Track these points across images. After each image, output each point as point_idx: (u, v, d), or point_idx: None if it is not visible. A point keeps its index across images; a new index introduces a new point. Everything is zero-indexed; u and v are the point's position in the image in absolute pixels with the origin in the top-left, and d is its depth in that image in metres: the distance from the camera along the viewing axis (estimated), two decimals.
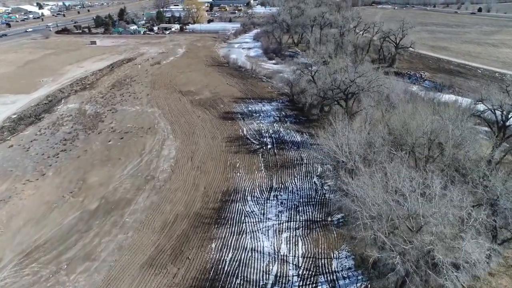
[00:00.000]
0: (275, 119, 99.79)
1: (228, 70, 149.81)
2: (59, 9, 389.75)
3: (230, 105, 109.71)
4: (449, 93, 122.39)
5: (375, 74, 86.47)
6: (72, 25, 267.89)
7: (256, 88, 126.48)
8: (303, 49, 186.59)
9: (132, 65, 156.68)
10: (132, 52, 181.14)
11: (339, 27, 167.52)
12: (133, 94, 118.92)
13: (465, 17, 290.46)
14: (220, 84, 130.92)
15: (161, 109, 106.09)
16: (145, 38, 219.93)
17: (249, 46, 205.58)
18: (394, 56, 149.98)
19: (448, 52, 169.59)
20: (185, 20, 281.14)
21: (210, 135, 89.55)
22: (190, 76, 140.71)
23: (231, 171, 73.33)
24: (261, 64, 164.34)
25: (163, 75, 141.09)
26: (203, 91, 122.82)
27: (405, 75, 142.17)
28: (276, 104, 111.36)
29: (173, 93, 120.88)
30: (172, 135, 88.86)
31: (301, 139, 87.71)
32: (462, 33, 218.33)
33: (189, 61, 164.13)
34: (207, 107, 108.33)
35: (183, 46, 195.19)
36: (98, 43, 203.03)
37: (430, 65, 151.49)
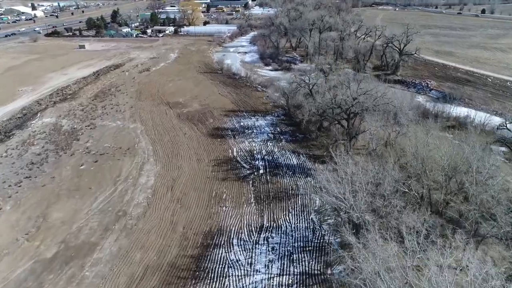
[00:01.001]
0: (269, 137, 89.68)
1: (221, 78, 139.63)
2: (53, 10, 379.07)
3: (221, 120, 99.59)
4: (459, 104, 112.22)
5: (381, 89, 75.95)
6: (63, 27, 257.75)
7: (250, 99, 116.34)
8: (301, 54, 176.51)
9: (119, 72, 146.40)
10: (122, 58, 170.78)
11: (339, 32, 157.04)
12: (116, 106, 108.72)
13: (469, 19, 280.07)
14: (212, 94, 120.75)
15: (144, 124, 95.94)
16: (137, 42, 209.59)
17: (245, 50, 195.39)
18: (398, 63, 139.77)
19: (454, 58, 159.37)
20: (180, 22, 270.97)
21: (196, 157, 79.46)
22: (180, 85, 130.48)
23: (216, 205, 63.27)
24: (256, 71, 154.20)
25: (151, 83, 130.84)
26: (193, 102, 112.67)
27: (410, 83, 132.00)
28: (270, 118, 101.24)
29: (160, 105, 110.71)
30: (153, 157, 78.74)
31: (297, 162, 77.63)
32: (467, 36, 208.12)
33: (180, 68, 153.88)
34: (195, 122, 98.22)
35: (176, 51, 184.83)
36: (87, 47, 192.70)
37: (436, 72, 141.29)
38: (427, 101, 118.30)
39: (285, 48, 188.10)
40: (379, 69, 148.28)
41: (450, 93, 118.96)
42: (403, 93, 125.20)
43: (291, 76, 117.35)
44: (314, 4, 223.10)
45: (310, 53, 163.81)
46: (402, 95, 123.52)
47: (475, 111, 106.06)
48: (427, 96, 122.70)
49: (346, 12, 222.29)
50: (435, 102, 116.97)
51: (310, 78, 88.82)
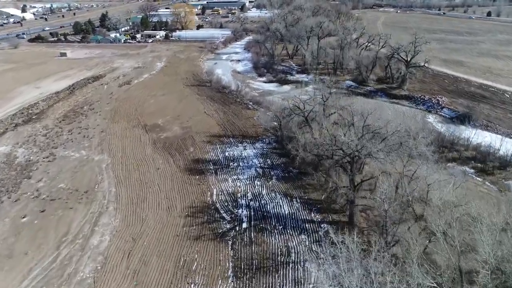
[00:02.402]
0: (257, 173, 74.89)
1: (209, 92, 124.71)
2: (44, 12, 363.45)
3: (203, 148, 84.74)
4: (475, 126, 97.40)
5: (393, 124, 60.98)
6: (51, 31, 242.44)
7: (239, 119, 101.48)
8: (298, 63, 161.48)
9: (97, 86, 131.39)
10: (104, 67, 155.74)
11: (339, 40, 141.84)
12: (84, 131, 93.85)
13: (475, 22, 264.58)
14: (196, 113, 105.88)
15: (112, 156, 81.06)
16: (123, 48, 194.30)
17: (239, 57, 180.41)
18: (405, 76, 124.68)
19: (464, 69, 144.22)
20: (173, 26, 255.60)
21: (166, 203, 64.71)
22: (162, 101, 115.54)
23: (182, 280, 48.53)
24: (249, 83, 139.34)
25: (130, 100, 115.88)
26: (173, 124, 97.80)
27: (418, 100, 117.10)
28: (260, 145, 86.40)
29: (135, 128, 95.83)
30: (114, 204, 63.91)
31: (290, 210, 62.89)
32: (475, 42, 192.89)
33: (166, 80, 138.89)
34: (173, 151, 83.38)
35: (163, 59, 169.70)
36: (69, 54, 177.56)
37: (446, 86, 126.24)
38: (439, 121, 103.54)
39: (281, 55, 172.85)
40: (383, 82, 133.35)
41: (465, 112, 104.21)
42: (411, 111, 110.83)
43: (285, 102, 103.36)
44: (312, 8, 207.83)
45: (307, 62, 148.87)
46: (410, 114, 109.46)
47: (496, 135, 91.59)
48: (438, 115, 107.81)
49: (346, 17, 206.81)
50: (447, 124, 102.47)
51: (305, 103, 73.48)
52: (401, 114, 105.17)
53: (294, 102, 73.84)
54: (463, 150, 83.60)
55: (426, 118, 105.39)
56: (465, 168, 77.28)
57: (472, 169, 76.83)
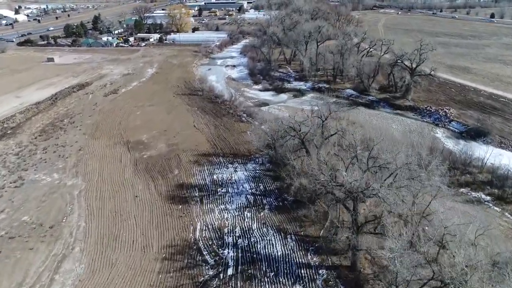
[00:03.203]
0: (248, 201, 66.24)
1: (201, 102, 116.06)
2: (38, 13, 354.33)
3: (189, 170, 76.04)
4: (487, 143, 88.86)
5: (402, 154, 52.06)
6: (42, 33, 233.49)
7: (231, 134, 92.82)
8: (296, 69, 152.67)
9: (82, 95, 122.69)
10: (91, 74, 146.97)
11: (339, 46, 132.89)
12: (60, 148, 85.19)
13: (478, 24, 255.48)
14: (185, 127, 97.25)
15: (87, 180, 72.37)
16: (115, 53, 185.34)
17: (234, 62, 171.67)
18: (409, 85, 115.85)
19: (472, 76, 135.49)
20: (168, 28, 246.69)
21: (142, 241, 56.06)
22: (149, 113, 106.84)
23: None
24: (244, 91, 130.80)
25: (114, 112, 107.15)
26: (159, 141, 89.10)
27: (424, 111, 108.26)
28: (253, 166, 77.67)
29: (117, 145, 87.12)
30: (81, 244, 55.24)
31: (283, 250, 54.24)
32: (481, 46, 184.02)
33: (155, 88, 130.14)
34: (155, 174, 74.70)
35: (155, 65, 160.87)
36: (56, 60, 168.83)
37: (453, 95, 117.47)
38: (447, 137, 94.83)
39: (278, 61, 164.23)
40: (386, 90, 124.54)
41: (475, 126, 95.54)
42: (417, 124, 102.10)
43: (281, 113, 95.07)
44: (311, 11, 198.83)
45: (306, 69, 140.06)
46: (417, 127, 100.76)
47: None
48: (446, 129, 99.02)
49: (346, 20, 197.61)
50: (457, 139, 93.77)
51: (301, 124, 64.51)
52: (407, 130, 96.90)
53: (289, 122, 64.74)
54: (477, 173, 74.95)
55: (433, 132, 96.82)
56: (480, 195, 68.69)
57: (488, 196, 68.17)
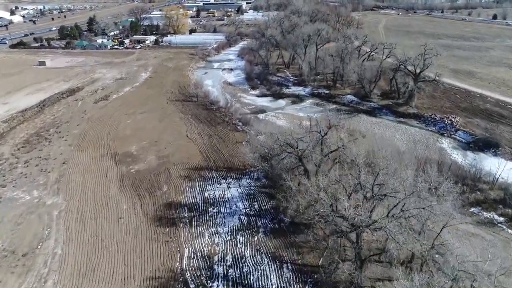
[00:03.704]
0: (242, 223, 60.80)
1: (195, 109, 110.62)
2: (34, 14, 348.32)
3: (179, 187, 70.57)
4: (496, 155, 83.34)
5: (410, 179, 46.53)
6: (36, 35, 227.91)
7: (226, 145, 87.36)
8: (295, 73, 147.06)
9: (71, 101, 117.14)
10: (83, 79, 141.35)
11: (339, 50, 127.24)
12: (43, 162, 79.70)
13: (480, 26, 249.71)
14: (177, 137, 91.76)
15: (68, 198, 66.88)
16: (109, 56, 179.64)
17: (231, 65, 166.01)
18: (412, 92, 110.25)
19: (477, 81, 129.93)
20: (165, 30, 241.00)
21: (123, 272, 50.57)
22: (140, 121, 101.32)
23: None
24: (240, 97, 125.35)
25: (103, 121, 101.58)
26: (148, 153, 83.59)
27: (428, 119, 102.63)
28: (247, 182, 72.22)
29: (103, 158, 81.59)
30: (55, 276, 49.74)
31: (279, 283, 48.80)
32: (484, 49, 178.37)
33: (148, 94, 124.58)
34: (142, 191, 69.23)
35: (149, 68, 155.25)
36: (48, 63, 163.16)
37: (458, 102, 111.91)
38: (454, 148, 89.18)
39: (276, 64, 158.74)
40: (388, 96, 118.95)
41: (483, 137, 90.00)
42: (421, 133, 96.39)
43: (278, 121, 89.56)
44: (310, 12, 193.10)
45: (305, 74, 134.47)
46: (421, 137, 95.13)
47: None
48: (452, 139, 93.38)
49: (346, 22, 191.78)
50: (464, 150, 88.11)
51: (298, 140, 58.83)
52: (411, 140, 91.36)
53: (286, 138, 59.07)
54: (488, 190, 69.43)
55: (439, 143, 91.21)
56: (492, 215, 63.29)
57: (501, 217, 62.74)
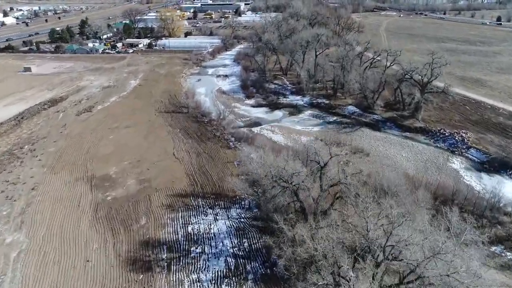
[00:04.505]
0: (228, 267, 52.14)
1: (185, 122, 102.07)
2: (27, 16, 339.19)
3: (159, 219, 61.93)
4: None
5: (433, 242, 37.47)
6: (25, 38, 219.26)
7: (215, 165, 78.80)
8: (293, 80, 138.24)
9: (52, 114, 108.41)
10: (68, 87, 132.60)
11: (340, 57, 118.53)
12: (10, 187, 70.98)
13: (486, 29, 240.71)
14: (163, 155, 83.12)
15: (31, 235, 58.15)
16: (99, 61, 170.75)
17: (227, 71, 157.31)
18: (419, 103, 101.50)
19: (486, 90, 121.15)
20: (159, 32, 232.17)
21: None
22: (123, 137, 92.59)
23: None
24: (234, 107, 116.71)
25: (84, 136, 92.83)
26: (129, 175, 74.90)
27: (437, 135, 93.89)
28: (237, 213, 63.59)
29: (78, 182, 72.86)
30: None
31: None
32: (491, 54, 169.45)
33: (136, 104, 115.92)
34: (117, 225, 60.58)
35: (139, 75, 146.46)
36: (34, 69, 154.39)
37: (468, 114, 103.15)
38: (467, 168, 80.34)
39: (273, 70, 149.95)
40: (392, 108, 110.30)
41: (499, 156, 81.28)
42: (429, 151, 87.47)
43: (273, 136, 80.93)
44: (309, 15, 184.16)
45: (303, 82, 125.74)
46: (430, 155, 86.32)
47: None
48: (464, 157, 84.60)
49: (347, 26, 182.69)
50: (478, 171, 79.28)
51: (293, 174, 49.95)
52: (419, 160, 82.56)
53: (279, 172, 50.19)
54: (510, 223, 60.79)
55: (450, 162, 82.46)
56: None
57: None
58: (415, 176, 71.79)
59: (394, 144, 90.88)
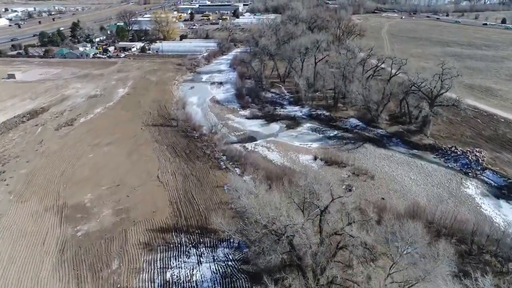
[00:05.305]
0: None
1: (173, 137, 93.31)
2: (22, 17, 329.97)
3: (134, 262, 53.15)
4: None
5: None
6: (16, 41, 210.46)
7: (203, 191, 70.18)
8: (291, 89, 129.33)
9: (30, 127, 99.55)
10: (52, 96, 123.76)
11: (341, 67, 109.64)
12: None
13: (491, 31, 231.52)
14: (145, 178, 74.35)
15: None
16: (88, 66, 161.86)
17: (222, 78, 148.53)
18: (427, 117, 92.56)
19: (498, 100, 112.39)
20: (154, 35, 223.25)
21: None
22: (104, 156, 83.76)
23: None
24: (228, 119, 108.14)
25: (61, 155, 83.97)
26: (105, 204, 66.12)
27: (448, 153, 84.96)
28: (224, 254, 54.81)
29: (46, 213, 64.03)
30: None
31: None
32: (499, 59, 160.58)
33: (122, 116, 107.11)
34: (84, 270, 51.74)
35: (129, 83, 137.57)
36: (19, 76, 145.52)
37: (481, 129, 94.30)
38: (483, 194, 71.39)
39: (270, 77, 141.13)
40: (397, 121, 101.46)
41: None
42: (440, 172, 78.43)
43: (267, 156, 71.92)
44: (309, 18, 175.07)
45: (301, 91, 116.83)
46: (441, 178, 77.50)
47: None
48: (479, 181, 75.68)
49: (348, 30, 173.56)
50: (495, 198, 70.40)
51: (286, 226, 40.96)
52: (429, 183, 73.66)
53: (272, 223, 41.21)
54: None
55: (464, 187, 73.56)
56: None
57: None
58: (427, 207, 62.85)
59: (401, 164, 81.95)
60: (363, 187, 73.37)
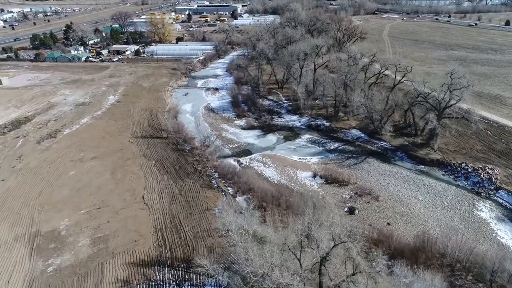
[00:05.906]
0: None
1: (163, 151, 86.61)
2: (17, 18, 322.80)
3: None
4: None
5: None
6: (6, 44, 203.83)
7: (191, 215, 63.54)
8: (289, 96, 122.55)
9: (10, 139, 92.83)
10: (38, 104, 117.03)
11: (342, 72, 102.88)
12: None
13: (495, 33, 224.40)
14: (129, 200, 67.69)
15: None
16: (79, 71, 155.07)
17: (218, 84, 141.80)
18: (435, 130, 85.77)
19: (509, 110, 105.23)
20: (149, 37, 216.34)
21: None
22: (86, 173, 77.00)
23: None
24: (223, 129, 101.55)
25: (40, 172, 77.26)
26: (82, 232, 59.45)
27: (457, 170, 78.23)
28: None
29: (16, 244, 57.34)
30: None
31: None
32: (506, 64, 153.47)
33: (109, 126, 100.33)
34: None
35: (120, 89, 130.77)
36: (5, 82, 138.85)
37: (492, 142, 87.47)
38: (499, 218, 64.76)
39: (268, 83, 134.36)
40: (402, 133, 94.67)
41: None
42: (450, 191, 71.81)
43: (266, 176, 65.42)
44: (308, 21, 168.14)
45: (300, 99, 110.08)
46: (451, 199, 70.96)
47: None
48: (493, 202, 69.07)
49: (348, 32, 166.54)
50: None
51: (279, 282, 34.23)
52: (439, 206, 66.93)
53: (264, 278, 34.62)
54: None
55: (477, 210, 66.92)
56: None
57: None
58: (439, 236, 56.16)
59: (408, 182, 75.28)
60: (367, 209, 66.87)
